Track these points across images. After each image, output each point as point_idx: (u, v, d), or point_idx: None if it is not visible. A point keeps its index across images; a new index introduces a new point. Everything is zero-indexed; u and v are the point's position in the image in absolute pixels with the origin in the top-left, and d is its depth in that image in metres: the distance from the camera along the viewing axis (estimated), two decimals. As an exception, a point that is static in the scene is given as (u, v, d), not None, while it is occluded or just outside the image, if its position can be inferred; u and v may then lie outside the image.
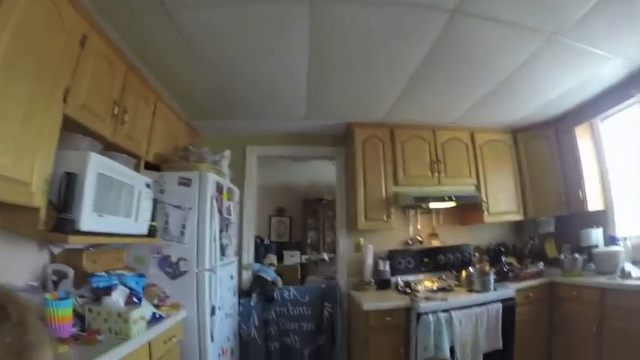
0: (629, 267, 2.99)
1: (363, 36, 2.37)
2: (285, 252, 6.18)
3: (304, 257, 6.39)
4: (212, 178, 2.94)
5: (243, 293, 3.75)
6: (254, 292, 3.73)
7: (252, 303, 3.65)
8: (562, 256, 3.66)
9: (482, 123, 4.02)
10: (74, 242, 1.85)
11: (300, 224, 6.92)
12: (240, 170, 4.04)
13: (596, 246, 3.51)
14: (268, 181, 5.77)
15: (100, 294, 1.99)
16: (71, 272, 2.06)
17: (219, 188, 3.10)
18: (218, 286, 2.90)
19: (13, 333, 0.49)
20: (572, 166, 3.73)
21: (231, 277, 3.40)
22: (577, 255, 3.55)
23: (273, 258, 4.17)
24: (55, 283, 2.01)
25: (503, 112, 3.74)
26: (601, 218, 3.64)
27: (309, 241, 6.80)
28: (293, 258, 6.17)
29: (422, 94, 3.25)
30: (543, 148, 4.04)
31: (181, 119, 3.44)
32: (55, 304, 1.65)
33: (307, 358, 3.74)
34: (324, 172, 5.86)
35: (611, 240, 3.48)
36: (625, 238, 3.37)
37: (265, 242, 5.76)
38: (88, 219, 1.87)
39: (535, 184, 4.07)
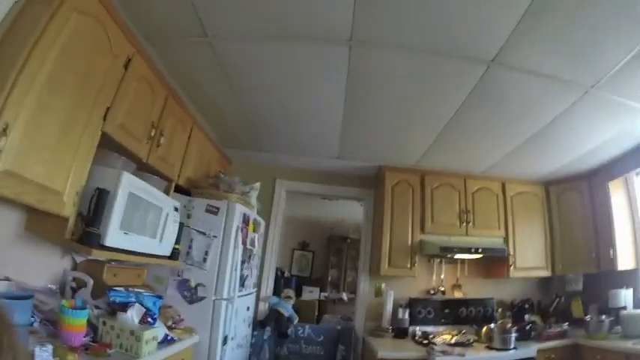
0: None
1: (399, 82, 2.45)
2: (304, 287, 6.12)
3: (323, 295, 6.30)
4: (239, 209, 2.99)
5: (257, 324, 3.71)
6: (269, 325, 3.69)
7: (265, 336, 3.61)
8: (588, 317, 3.44)
9: (513, 174, 3.95)
10: (97, 255, 1.91)
11: (322, 260, 6.87)
12: (268, 202, 4.10)
13: (625, 307, 3.31)
14: (294, 214, 5.82)
15: (116, 309, 2.02)
16: (90, 282, 2.10)
17: (246, 219, 3.15)
18: (233, 316, 2.90)
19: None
20: (604, 222, 3.57)
21: (248, 309, 3.39)
22: (604, 316, 3.34)
23: (291, 292, 4.14)
24: (74, 290, 2.06)
25: (535, 163, 3.67)
26: (632, 278, 3.46)
27: (329, 279, 6.71)
28: (312, 294, 6.09)
29: (455, 141, 3.26)
30: (575, 202, 3.91)
31: (215, 146, 3.55)
32: (71, 312, 1.69)
33: (315, 400, 3.63)
34: (351, 211, 5.85)
35: None
36: None
37: (285, 275, 5.74)
38: (114, 235, 1.94)
39: (565, 240, 3.92)
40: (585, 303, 3.75)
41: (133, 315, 2.04)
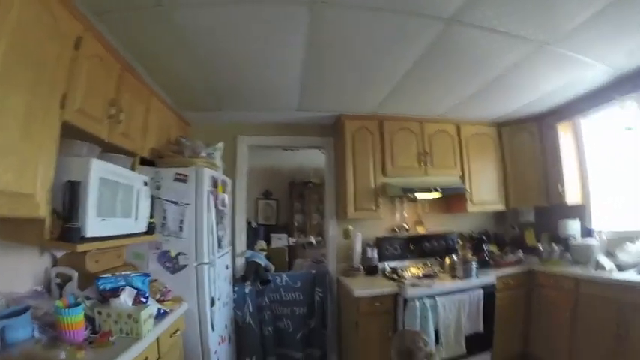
0: (602, 259, 3.20)
1: (359, 37, 2.41)
2: (272, 235, 6.27)
3: (292, 241, 6.50)
4: (207, 173, 2.98)
5: (236, 280, 3.84)
6: (249, 277, 3.84)
7: (246, 290, 3.75)
8: (540, 246, 3.86)
9: (468, 117, 4.13)
10: (82, 249, 1.89)
11: (286, 207, 7.00)
12: (231, 160, 4.06)
13: (573, 237, 3.71)
14: (255, 165, 5.79)
15: (108, 295, 2.04)
16: (75, 274, 2.09)
17: (214, 182, 3.15)
18: (216, 278, 3.01)
19: None
20: (553, 160, 3.91)
21: (227, 267, 3.49)
22: (554, 245, 3.75)
23: (263, 244, 4.29)
24: (60, 286, 2.04)
25: (489, 107, 3.85)
26: (579, 211, 3.85)
27: (295, 224, 6.90)
28: (280, 240, 6.27)
29: (412, 90, 3.32)
30: (526, 142, 4.20)
31: (173, 111, 3.42)
32: (68, 311, 1.70)
33: (300, 341, 3.91)
34: (310, 156, 5.91)
35: (587, 232, 3.70)
36: (600, 232, 3.58)
37: (253, 226, 5.84)
38: (93, 225, 1.91)
39: (517, 176, 4.24)
40: (538, 233, 4.18)
41: (126, 298, 2.08)
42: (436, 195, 3.96)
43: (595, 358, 2.97)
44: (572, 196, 3.83)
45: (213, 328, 2.88)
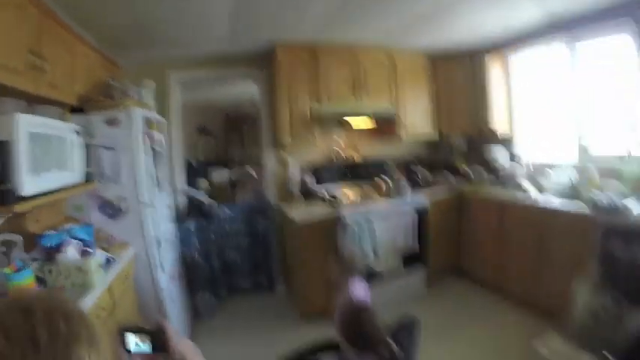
0: (526, 184, 3.60)
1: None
2: (212, 171, 6.23)
3: (231, 174, 6.52)
4: (140, 113, 2.88)
5: (180, 218, 3.88)
6: (192, 214, 3.92)
7: (190, 227, 3.84)
8: (470, 171, 4.23)
9: (403, 46, 4.18)
10: (19, 210, 1.85)
11: (224, 140, 6.91)
12: (163, 98, 3.91)
13: (501, 163, 4.09)
14: (189, 101, 5.59)
15: (53, 252, 2.06)
16: (19, 239, 2.05)
17: (148, 122, 3.06)
18: (159, 219, 3.06)
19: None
20: (484, 92, 4.19)
21: (169, 207, 3.53)
22: (483, 170, 4.14)
23: (204, 182, 4.31)
24: (5, 254, 1.99)
25: (424, 38, 3.94)
26: (507, 142, 4.23)
27: (234, 157, 6.88)
28: (221, 176, 6.27)
29: (348, 18, 3.27)
30: (458, 74, 4.43)
31: (100, 53, 3.16)
32: (17, 276, 1.72)
33: (248, 271, 4.16)
34: (245, 87, 5.77)
35: (513, 160, 4.08)
36: (525, 160, 3.98)
37: (192, 163, 5.77)
38: (28, 183, 1.87)
39: (449, 107, 4.51)
40: (468, 160, 4.55)
41: (72, 251, 2.11)
42: (370, 124, 4.12)
43: (518, 270, 3.47)
44: (500, 126, 4.18)
45: (162, 269, 2.99)
